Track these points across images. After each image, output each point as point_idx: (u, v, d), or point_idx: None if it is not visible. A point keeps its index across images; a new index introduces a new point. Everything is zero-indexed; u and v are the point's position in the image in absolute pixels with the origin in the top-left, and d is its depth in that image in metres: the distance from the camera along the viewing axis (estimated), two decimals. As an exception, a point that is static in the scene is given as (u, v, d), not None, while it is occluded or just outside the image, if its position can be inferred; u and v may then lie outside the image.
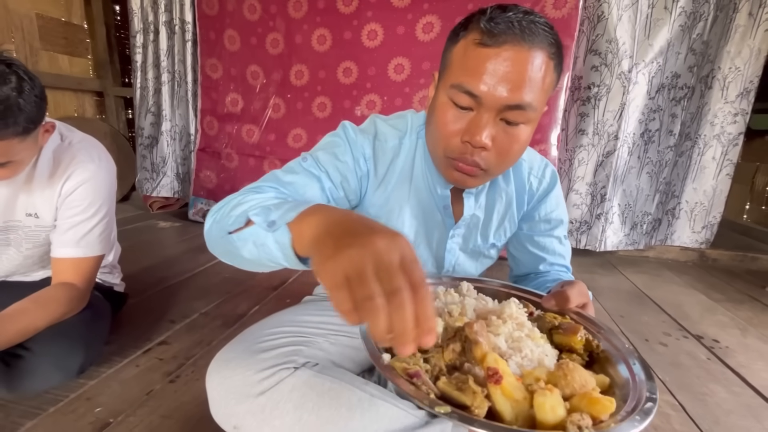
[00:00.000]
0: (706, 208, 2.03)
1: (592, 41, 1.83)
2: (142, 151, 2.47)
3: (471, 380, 0.35)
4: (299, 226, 0.41)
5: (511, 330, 0.44)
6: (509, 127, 0.54)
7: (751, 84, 1.87)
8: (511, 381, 0.35)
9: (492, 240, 0.76)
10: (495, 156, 0.56)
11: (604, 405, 0.33)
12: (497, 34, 0.50)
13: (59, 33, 2.45)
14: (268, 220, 0.44)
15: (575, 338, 0.45)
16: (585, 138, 1.93)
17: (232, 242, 0.48)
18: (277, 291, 1.44)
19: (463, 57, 0.53)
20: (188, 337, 1.08)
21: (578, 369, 0.37)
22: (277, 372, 0.56)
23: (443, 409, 0.32)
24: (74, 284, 0.80)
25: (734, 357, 1.17)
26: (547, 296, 0.55)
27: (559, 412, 0.33)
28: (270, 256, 0.44)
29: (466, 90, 0.52)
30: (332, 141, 0.66)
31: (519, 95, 0.51)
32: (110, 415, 0.77)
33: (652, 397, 0.36)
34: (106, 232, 0.85)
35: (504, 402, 0.34)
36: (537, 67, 0.51)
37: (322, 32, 2.04)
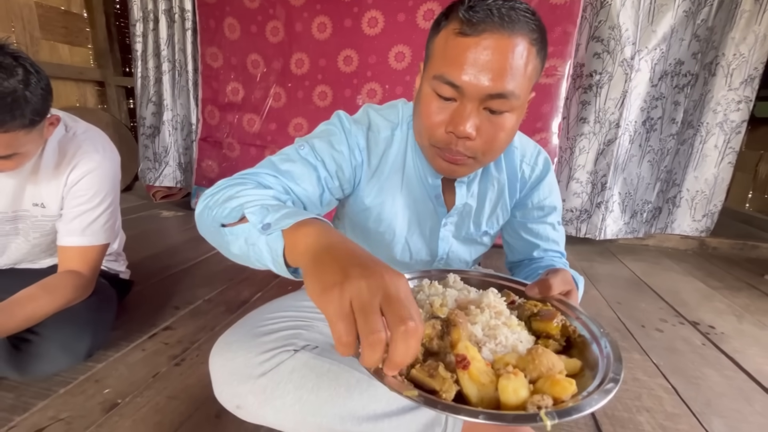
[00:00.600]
0: (707, 196, 2.03)
1: (594, 27, 1.81)
2: (144, 140, 2.48)
3: (441, 367, 0.37)
4: (294, 236, 0.41)
5: (488, 318, 0.45)
6: (493, 116, 0.54)
7: (756, 71, 1.84)
8: (479, 366, 0.37)
9: (485, 228, 0.77)
10: (481, 145, 0.56)
11: (564, 386, 0.35)
12: (476, 23, 0.49)
13: (59, 22, 2.44)
14: (263, 221, 0.43)
15: (551, 324, 0.46)
16: (586, 126, 1.92)
17: (223, 235, 0.48)
18: (278, 278, 1.46)
19: (444, 47, 0.53)
20: (192, 323, 1.11)
21: (547, 353, 0.38)
22: (278, 354, 0.58)
23: (411, 393, 0.33)
24: (80, 272, 0.82)
25: (729, 342, 1.19)
26: (531, 285, 0.56)
27: (521, 394, 0.34)
28: (259, 256, 0.44)
29: (447, 81, 0.52)
30: (328, 129, 0.67)
31: (501, 84, 0.50)
32: (118, 396, 0.80)
33: (616, 378, 0.37)
34: (111, 221, 0.87)
35: (471, 386, 0.36)
36: (518, 55, 0.50)
37: (323, 20, 2.03)
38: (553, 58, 1.76)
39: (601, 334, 0.45)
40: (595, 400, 0.34)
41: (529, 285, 0.56)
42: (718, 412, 0.87)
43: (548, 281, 0.54)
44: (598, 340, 0.44)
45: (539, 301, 0.53)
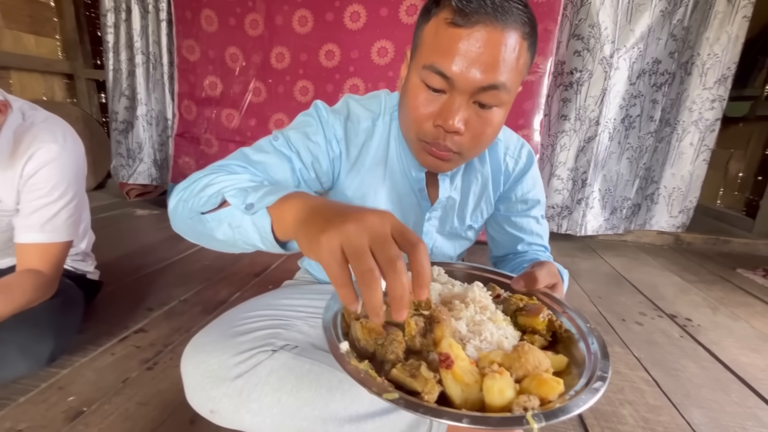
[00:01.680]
0: (683, 192, 2.09)
1: (575, 26, 1.83)
2: (116, 136, 2.38)
3: (423, 366, 0.35)
4: (280, 209, 0.41)
5: (473, 314, 0.43)
6: (482, 111, 0.53)
7: (729, 71, 1.91)
8: (463, 365, 0.35)
9: (469, 222, 0.75)
10: (468, 140, 0.54)
11: (552, 386, 0.33)
12: (469, 14, 0.47)
13: (24, 11, 2.31)
14: (245, 202, 0.43)
15: (537, 319, 0.45)
16: (567, 123, 1.95)
17: (205, 222, 0.47)
18: (259, 277, 1.42)
19: (435, 36, 0.51)
20: (166, 324, 1.06)
21: (533, 350, 0.37)
22: (255, 355, 0.56)
23: (390, 396, 0.32)
24: (40, 271, 0.77)
25: (705, 334, 1.21)
26: (516, 278, 0.55)
27: (507, 395, 0.33)
28: (246, 237, 0.44)
29: (438, 71, 0.50)
30: (304, 120, 0.64)
31: (493, 76, 0.49)
32: (84, 404, 0.75)
33: (603, 376, 0.36)
34: (74, 216, 0.82)
35: (454, 386, 0.34)
36: (510, 48, 0.49)
37: (303, 13, 1.99)
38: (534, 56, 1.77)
39: (588, 329, 0.43)
40: (583, 401, 0.33)
41: (514, 278, 0.55)
42: (698, 403, 0.88)
43: (534, 274, 0.53)
44: (584, 335, 0.43)
45: (525, 295, 0.52)
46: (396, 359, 0.37)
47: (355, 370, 0.34)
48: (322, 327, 0.40)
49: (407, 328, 0.40)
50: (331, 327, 0.40)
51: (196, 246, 1.63)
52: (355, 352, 0.39)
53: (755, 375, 1.01)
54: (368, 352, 0.40)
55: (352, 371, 0.34)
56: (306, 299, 0.71)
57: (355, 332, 0.42)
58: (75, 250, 0.97)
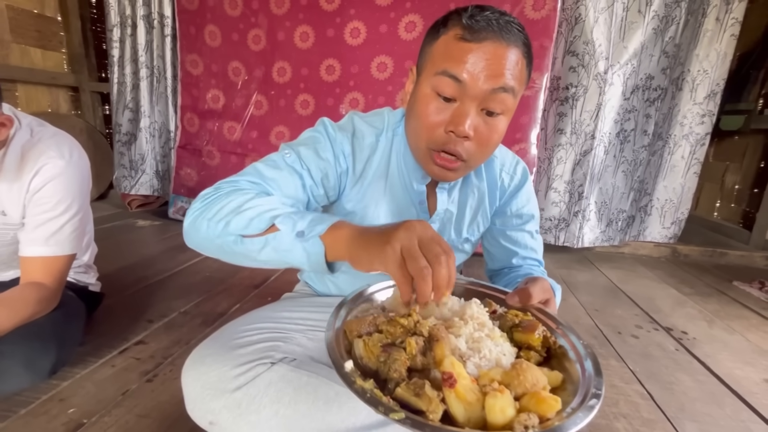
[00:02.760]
0: (675, 204, 2.14)
1: (569, 42, 1.87)
2: (119, 148, 2.41)
3: (427, 385, 0.36)
4: (332, 237, 0.48)
5: (472, 331, 0.45)
6: (489, 118, 0.57)
7: (718, 86, 1.96)
8: (465, 384, 0.36)
9: (465, 234, 0.78)
10: (476, 146, 0.58)
11: (550, 404, 0.35)
12: (478, 31, 0.53)
13: (31, 25, 2.37)
14: (295, 229, 0.49)
15: (533, 336, 0.46)
16: (563, 137, 1.98)
17: (246, 244, 0.51)
18: (258, 289, 1.43)
19: (446, 49, 0.56)
20: (166, 337, 1.07)
21: (531, 368, 0.38)
22: (254, 367, 0.57)
23: (397, 416, 0.33)
24: (44, 284, 0.78)
25: (701, 348, 1.22)
26: (511, 294, 0.57)
27: (508, 413, 0.34)
28: (291, 260, 0.50)
29: (451, 74, 0.54)
30: (313, 137, 0.67)
31: (500, 80, 0.54)
32: (84, 416, 0.76)
33: (597, 393, 0.37)
34: (78, 230, 0.84)
35: (457, 405, 0.36)
36: (514, 62, 0.54)
37: (305, 29, 2.03)
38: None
39: (582, 347, 0.45)
40: (580, 418, 0.34)
41: (509, 294, 0.57)
42: (692, 417, 0.89)
43: (528, 290, 0.55)
44: (578, 352, 0.44)
45: (519, 310, 0.54)
46: (399, 377, 0.38)
47: (361, 389, 0.35)
48: (326, 345, 0.41)
49: (408, 347, 0.41)
50: (334, 345, 0.41)
51: (196, 257, 1.64)
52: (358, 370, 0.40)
53: (750, 389, 1.02)
54: (371, 369, 0.41)
55: (359, 391, 0.35)
56: (305, 312, 0.72)
57: (358, 350, 0.43)
58: (78, 262, 0.99)
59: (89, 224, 1.00)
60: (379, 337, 0.43)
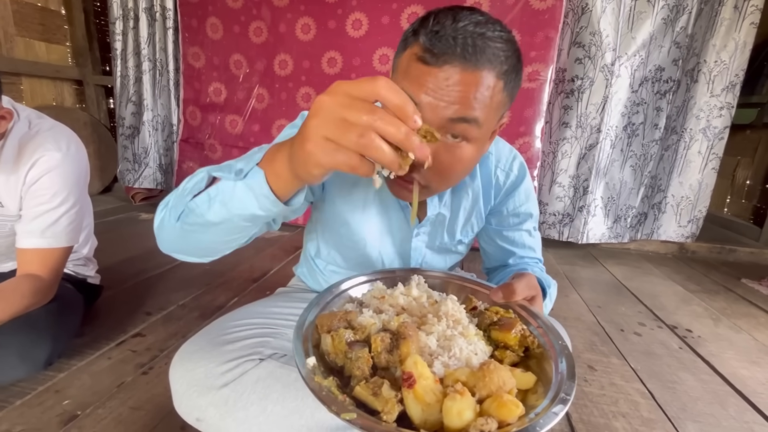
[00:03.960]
0: (692, 202, 2.03)
1: (576, 33, 1.83)
2: (123, 141, 2.42)
3: (386, 385, 0.35)
4: (270, 161, 0.41)
5: (444, 328, 0.43)
6: (451, 144, 0.51)
7: (737, 78, 1.86)
8: (425, 384, 0.35)
9: (459, 236, 0.75)
10: (435, 174, 0.52)
11: (510, 409, 0.33)
12: (437, 54, 0.46)
13: (35, 19, 2.37)
14: (234, 170, 0.43)
15: (509, 334, 0.45)
16: (568, 131, 1.94)
17: (193, 211, 0.46)
18: (257, 283, 1.43)
19: (405, 69, 0.50)
20: (164, 329, 1.07)
21: (499, 369, 0.37)
22: (242, 364, 0.56)
23: (348, 416, 0.32)
24: (39, 276, 0.78)
25: (705, 346, 1.20)
26: (495, 289, 0.55)
27: (465, 417, 0.33)
28: (241, 208, 0.44)
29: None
30: (291, 132, 0.63)
31: (462, 110, 0.47)
32: (78, 408, 0.76)
33: (565, 398, 0.36)
34: (75, 222, 0.84)
35: (415, 406, 0.34)
36: (483, 87, 0.47)
37: (306, 21, 2.01)
38: (535, 63, 1.77)
39: (559, 348, 0.43)
40: (540, 425, 0.33)
41: (493, 289, 0.55)
42: (693, 417, 0.87)
43: (512, 286, 0.53)
44: (555, 354, 0.43)
45: (501, 307, 0.52)
46: (362, 375, 0.38)
47: (318, 387, 0.35)
48: (293, 340, 0.40)
49: (373, 344, 0.40)
50: (300, 340, 0.41)
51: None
52: (324, 365, 0.39)
53: (755, 389, 0.99)
54: (337, 366, 0.41)
55: (315, 388, 0.34)
56: (297, 308, 0.71)
57: (325, 345, 0.42)
58: (77, 255, 0.99)
59: (88, 217, 1.00)
60: (345, 332, 0.42)
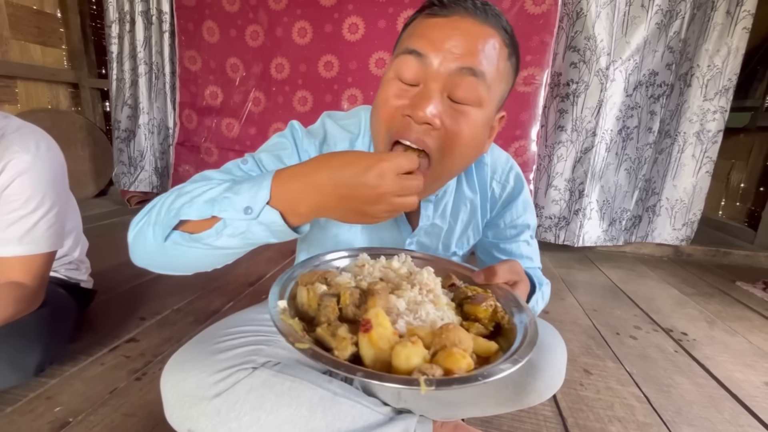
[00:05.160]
0: (687, 205, 2.05)
1: (571, 38, 1.84)
2: (119, 144, 2.41)
3: (343, 328, 0.38)
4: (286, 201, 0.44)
5: (415, 294, 0.45)
6: (457, 105, 0.49)
7: (730, 82, 1.88)
8: (382, 332, 0.37)
9: (453, 248, 0.73)
10: (443, 138, 0.50)
11: (457, 359, 0.35)
12: (447, 5, 0.49)
13: (31, 22, 2.37)
14: (238, 209, 0.44)
15: (480, 307, 0.45)
16: (564, 134, 1.95)
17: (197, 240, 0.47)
18: (253, 287, 1.42)
19: (412, 30, 0.52)
20: (158, 334, 1.06)
21: (457, 330, 0.38)
22: (234, 373, 0.55)
23: (302, 346, 0.35)
24: (23, 283, 0.76)
25: (701, 349, 1.20)
26: (477, 271, 0.54)
27: (412, 362, 0.35)
28: (253, 239, 0.46)
29: (412, 50, 0.48)
30: (279, 142, 0.62)
31: (470, 59, 0.47)
32: (70, 414, 0.75)
33: (517, 360, 0.36)
34: (56, 225, 0.79)
35: (368, 349, 0.37)
36: (490, 44, 0.48)
37: (303, 25, 2.02)
38: (531, 67, 1.78)
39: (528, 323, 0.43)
40: (482, 376, 0.33)
41: (476, 272, 0.55)
42: (688, 421, 0.87)
43: (494, 268, 0.53)
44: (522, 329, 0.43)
45: (482, 288, 0.51)
46: (326, 322, 0.41)
47: (284, 324, 0.38)
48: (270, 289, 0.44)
49: (342, 297, 0.43)
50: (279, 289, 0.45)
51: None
52: (297, 314, 0.43)
53: (749, 392, 1.00)
54: (309, 316, 0.44)
55: (281, 325, 0.38)
56: (291, 313, 0.71)
57: (300, 297, 0.46)
58: (68, 258, 0.97)
59: (73, 218, 0.97)
60: (320, 286, 0.45)
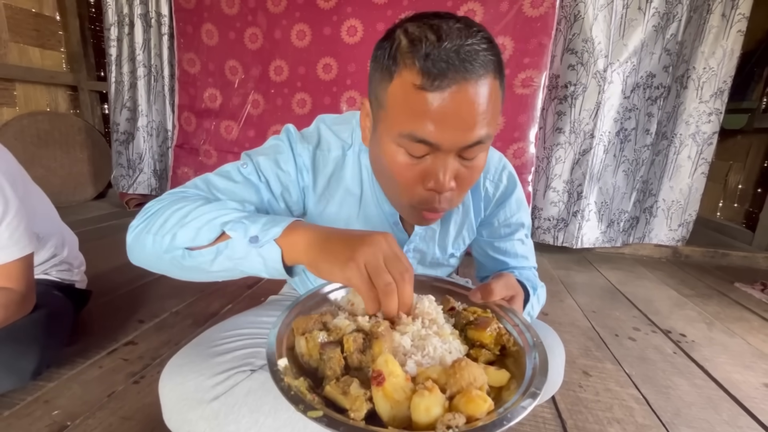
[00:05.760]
0: (682, 206, 2.07)
1: (568, 40, 1.85)
2: (117, 147, 2.41)
3: (355, 383, 0.36)
4: (289, 240, 0.45)
5: (419, 328, 0.44)
6: (468, 162, 0.51)
7: (725, 84, 1.91)
8: (395, 382, 0.35)
9: (451, 250, 0.73)
10: (458, 192, 0.54)
11: (478, 404, 0.33)
12: (438, 75, 0.44)
13: (30, 24, 2.37)
14: (248, 235, 0.45)
15: (485, 333, 0.44)
16: (562, 136, 1.95)
17: (194, 257, 0.48)
18: (251, 289, 1.42)
19: (405, 102, 0.47)
20: (156, 337, 1.06)
21: (470, 366, 0.36)
22: (233, 376, 0.55)
23: (315, 414, 0.32)
24: (10, 288, 0.75)
25: (699, 351, 1.20)
26: (473, 290, 0.54)
27: (433, 413, 0.33)
28: (247, 268, 0.47)
29: (420, 139, 0.47)
30: (276, 146, 0.62)
31: (476, 133, 0.47)
32: (68, 418, 0.75)
33: (535, 392, 0.36)
34: (20, 228, 0.75)
35: (384, 403, 0.34)
36: (487, 97, 0.47)
37: (302, 27, 2.02)
38: (529, 69, 1.79)
39: (533, 344, 0.43)
40: (507, 419, 0.33)
41: (472, 290, 0.54)
42: (687, 422, 0.87)
43: (490, 286, 0.52)
44: (530, 350, 0.43)
45: (480, 307, 0.52)
46: (333, 375, 0.38)
47: (287, 387, 0.35)
48: (267, 344, 0.40)
49: (346, 344, 0.40)
50: (275, 342, 0.41)
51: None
52: (297, 367, 0.39)
53: (748, 393, 1.00)
54: (311, 367, 0.41)
55: (284, 388, 0.35)
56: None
57: (299, 347, 0.42)
58: (57, 258, 0.95)
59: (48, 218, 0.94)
60: (319, 333, 0.42)
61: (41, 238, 0.88)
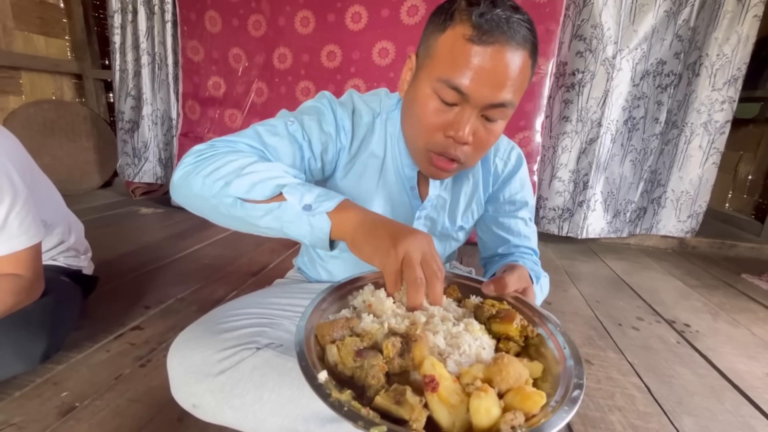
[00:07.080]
0: (692, 197, 2.02)
1: (577, 26, 1.81)
2: (123, 135, 2.42)
3: (408, 391, 0.34)
4: (340, 216, 0.48)
5: (450, 327, 0.43)
6: (488, 123, 0.56)
7: (739, 71, 1.84)
8: (447, 385, 0.35)
9: (460, 222, 0.77)
10: (473, 149, 0.58)
11: (535, 400, 0.33)
12: (487, 31, 0.50)
13: (34, 12, 2.37)
14: (302, 202, 0.49)
15: (511, 326, 0.45)
16: (569, 125, 1.93)
17: (247, 209, 0.50)
18: (256, 276, 1.43)
19: (451, 51, 0.53)
20: (162, 323, 1.07)
21: (513, 362, 0.36)
22: (239, 352, 0.56)
23: (379, 429, 0.30)
24: (19, 274, 0.75)
25: (703, 341, 1.20)
26: (486, 282, 0.56)
27: (493, 413, 0.33)
28: (292, 231, 0.50)
29: (454, 86, 0.53)
30: (317, 107, 0.66)
31: (503, 95, 0.53)
32: (76, 399, 0.77)
33: (580, 383, 0.36)
34: (29, 217, 0.74)
35: (441, 409, 0.34)
36: (520, 68, 0.52)
37: (305, 14, 2.00)
38: (536, 57, 1.76)
39: (561, 335, 0.44)
40: (566, 412, 0.33)
41: (484, 283, 0.56)
42: (689, 411, 0.87)
43: (504, 279, 0.54)
44: (556, 341, 0.43)
45: (494, 299, 0.52)
46: (378, 384, 0.36)
47: (338, 403, 0.33)
48: (296, 354, 0.38)
49: (385, 350, 0.39)
50: (305, 353, 0.38)
51: (196, 244, 1.65)
52: (332, 378, 0.36)
53: (751, 383, 0.99)
54: (346, 376, 0.39)
55: (335, 405, 0.32)
56: (294, 298, 0.72)
57: (332, 356, 0.40)
58: (65, 245, 0.96)
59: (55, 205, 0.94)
60: (352, 340, 0.40)
61: (48, 225, 0.89)
